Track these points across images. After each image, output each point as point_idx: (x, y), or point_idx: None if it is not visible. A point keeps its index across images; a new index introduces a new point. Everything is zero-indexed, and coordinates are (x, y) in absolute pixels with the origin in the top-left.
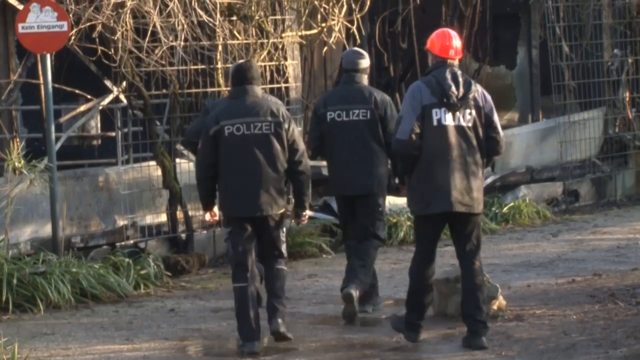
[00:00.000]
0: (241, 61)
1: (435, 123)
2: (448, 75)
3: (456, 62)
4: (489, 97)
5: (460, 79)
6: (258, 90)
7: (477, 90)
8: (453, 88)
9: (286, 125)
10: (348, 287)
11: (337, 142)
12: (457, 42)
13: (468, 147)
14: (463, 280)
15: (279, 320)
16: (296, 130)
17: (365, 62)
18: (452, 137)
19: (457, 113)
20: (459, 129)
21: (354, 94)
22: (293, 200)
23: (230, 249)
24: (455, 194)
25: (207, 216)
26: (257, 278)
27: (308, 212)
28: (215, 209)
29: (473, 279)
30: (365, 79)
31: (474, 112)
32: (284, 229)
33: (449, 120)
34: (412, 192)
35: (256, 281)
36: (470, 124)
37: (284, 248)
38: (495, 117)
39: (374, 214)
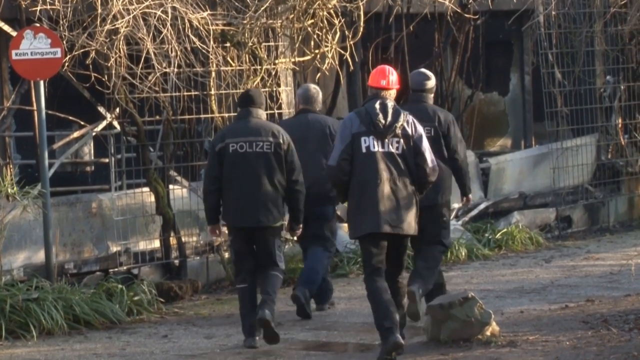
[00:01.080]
0: (249, 88)
1: (364, 150)
2: (377, 106)
3: (391, 95)
4: (419, 128)
5: (389, 110)
6: (262, 113)
7: (407, 120)
8: (380, 117)
9: (285, 146)
10: (412, 285)
11: None
12: (393, 76)
13: (398, 172)
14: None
15: (266, 311)
16: (294, 151)
17: (431, 83)
18: (380, 163)
19: (385, 141)
20: (388, 155)
21: (420, 112)
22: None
23: (233, 255)
24: (383, 216)
25: (211, 232)
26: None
27: (301, 227)
28: (220, 225)
29: (396, 296)
30: (430, 99)
31: (402, 140)
32: (280, 241)
33: (377, 147)
34: (349, 216)
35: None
36: (399, 152)
37: (279, 260)
38: (424, 147)
39: (439, 223)
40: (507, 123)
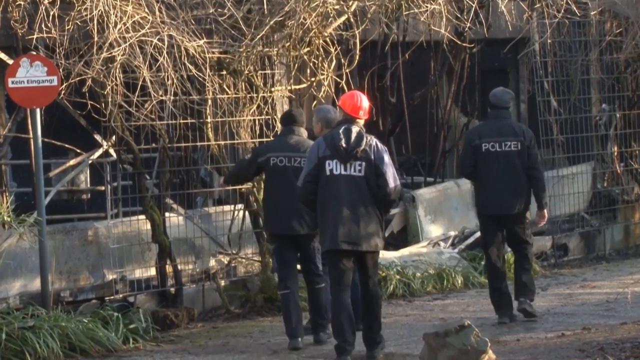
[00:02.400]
0: (292, 108)
1: (327, 172)
2: (341, 131)
3: (359, 123)
4: (382, 151)
5: (353, 135)
6: (302, 131)
7: (370, 144)
8: (342, 142)
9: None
10: (522, 304)
11: (490, 169)
12: (365, 106)
13: (359, 194)
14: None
15: (321, 334)
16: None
17: (512, 100)
18: (342, 184)
19: (348, 164)
20: (349, 177)
21: (506, 128)
22: None
23: (275, 262)
24: (340, 234)
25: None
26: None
27: None
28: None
29: (370, 302)
30: (511, 115)
31: (364, 163)
32: (318, 248)
33: (339, 170)
34: (319, 230)
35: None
36: (361, 174)
37: (319, 263)
38: (386, 169)
39: (523, 226)
40: None
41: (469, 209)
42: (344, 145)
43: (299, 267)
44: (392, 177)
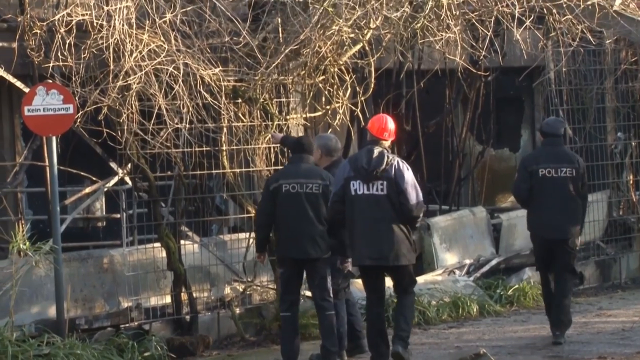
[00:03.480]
0: (302, 135)
1: (352, 192)
2: (364, 153)
3: (384, 144)
4: (403, 169)
5: (374, 155)
6: (311, 159)
7: (391, 163)
8: (364, 163)
9: (331, 187)
10: (557, 337)
11: (546, 194)
12: (391, 128)
13: (382, 212)
14: (398, 305)
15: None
16: None
17: (564, 128)
18: (366, 203)
19: (370, 184)
20: (372, 196)
21: (562, 155)
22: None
23: (281, 284)
24: (364, 251)
25: (258, 257)
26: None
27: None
28: (266, 253)
29: (403, 309)
30: (563, 142)
31: (385, 182)
32: (328, 271)
33: (363, 189)
34: (349, 249)
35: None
36: (383, 193)
37: (329, 287)
38: (406, 186)
39: (572, 252)
40: None
41: (484, 237)
42: (365, 166)
43: (308, 293)
44: (413, 194)
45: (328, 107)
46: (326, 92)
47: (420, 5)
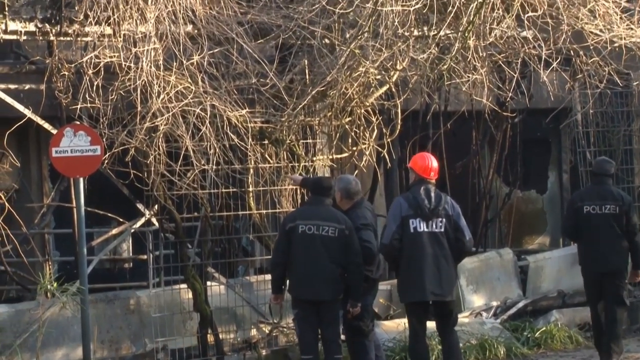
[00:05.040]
0: (321, 176)
1: (411, 230)
2: (422, 192)
3: (432, 180)
4: (457, 207)
5: (432, 194)
6: (329, 201)
7: (447, 202)
8: (425, 202)
9: (347, 232)
10: None
11: (592, 230)
12: (435, 166)
13: (440, 248)
14: (443, 345)
15: None
16: (355, 236)
17: (614, 169)
18: (426, 241)
19: (430, 221)
20: (431, 234)
21: (606, 192)
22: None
23: (297, 327)
24: (428, 287)
25: (274, 299)
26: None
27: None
28: (283, 295)
29: (450, 348)
30: (611, 182)
31: (444, 220)
32: (341, 315)
33: (423, 227)
34: (398, 284)
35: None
36: (441, 230)
37: (340, 330)
38: (462, 223)
39: (621, 284)
40: (545, 221)
41: (511, 279)
42: (428, 205)
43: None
44: (467, 230)
45: (354, 148)
46: (352, 134)
47: (447, 47)
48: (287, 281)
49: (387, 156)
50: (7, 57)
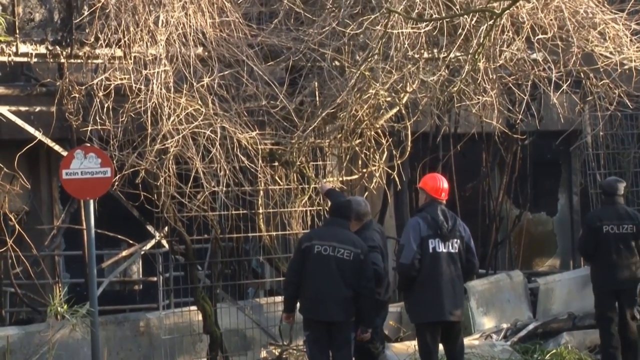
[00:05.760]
0: (344, 199)
1: (430, 250)
2: (439, 212)
3: (444, 201)
4: (467, 228)
5: (448, 215)
6: (348, 224)
7: (460, 223)
8: (444, 223)
9: (362, 256)
10: None
11: (609, 249)
12: (446, 187)
13: (455, 268)
14: None
15: None
16: (369, 261)
17: (624, 188)
18: (444, 261)
19: (447, 242)
20: (449, 254)
21: (622, 212)
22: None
23: (308, 350)
24: (446, 306)
25: (285, 318)
26: None
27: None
28: (294, 314)
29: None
30: (622, 201)
31: (458, 240)
32: (352, 339)
33: (441, 247)
34: (412, 304)
35: None
36: (456, 250)
37: (351, 353)
38: (472, 244)
39: (635, 300)
40: (555, 243)
41: (521, 301)
42: (446, 225)
43: None
44: (475, 252)
45: (364, 170)
46: (362, 156)
47: (457, 69)
48: (298, 303)
49: (397, 178)
50: (17, 80)
